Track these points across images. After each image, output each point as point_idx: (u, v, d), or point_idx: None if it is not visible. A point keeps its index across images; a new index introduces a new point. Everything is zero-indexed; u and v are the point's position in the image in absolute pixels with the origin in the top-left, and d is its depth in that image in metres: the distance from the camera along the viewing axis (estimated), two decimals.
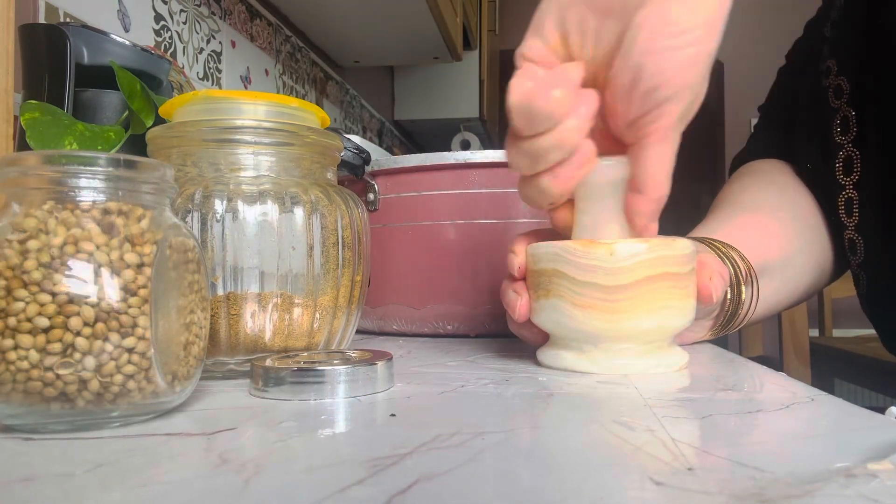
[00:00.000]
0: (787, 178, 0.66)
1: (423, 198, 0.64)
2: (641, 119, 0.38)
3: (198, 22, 1.01)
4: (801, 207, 0.64)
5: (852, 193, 0.60)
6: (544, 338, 0.45)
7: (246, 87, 1.18)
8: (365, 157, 0.63)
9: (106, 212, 0.29)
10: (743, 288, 0.51)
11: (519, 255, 0.44)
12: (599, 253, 0.39)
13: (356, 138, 0.71)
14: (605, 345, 0.41)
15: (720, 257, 0.51)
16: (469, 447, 0.25)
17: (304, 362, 0.36)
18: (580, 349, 0.42)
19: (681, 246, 0.40)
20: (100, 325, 0.27)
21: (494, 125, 2.78)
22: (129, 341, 0.28)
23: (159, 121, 0.45)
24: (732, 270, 0.51)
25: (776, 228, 0.60)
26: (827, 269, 0.65)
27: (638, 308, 0.39)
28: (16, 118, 0.47)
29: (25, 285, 0.27)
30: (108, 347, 0.28)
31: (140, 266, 0.29)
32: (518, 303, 0.43)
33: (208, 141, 0.41)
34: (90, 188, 0.29)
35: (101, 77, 0.48)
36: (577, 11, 0.38)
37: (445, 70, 2.27)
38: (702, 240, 0.53)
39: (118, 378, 0.28)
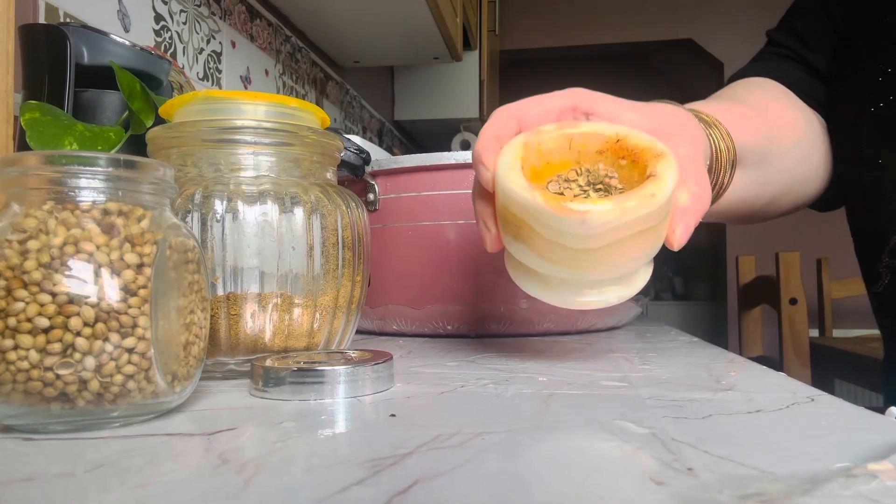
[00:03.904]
0: (787, 92, 0.64)
1: (423, 198, 0.64)
2: None
3: (198, 22, 1.01)
4: (796, 112, 0.63)
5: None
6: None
7: (246, 88, 1.18)
8: (365, 157, 0.63)
9: (106, 212, 0.29)
10: (728, 170, 0.51)
11: (490, 168, 0.39)
12: (570, 221, 0.36)
13: (356, 138, 0.71)
14: (569, 287, 0.41)
15: (706, 129, 0.49)
16: (469, 447, 0.25)
17: (304, 362, 0.36)
18: (546, 282, 0.41)
19: (660, 196, 0.37)
20: (100, 326, 0.27)
21: None
22: (129, 341, 0.28)
23: (159, 121, 0.45)
24: (716, 147, 0.50)
25: (759, 120, 0.57)
26: (811, 188, 0.65)
27: (605, 264, 0.38)
28: (16, 118, 0.47)
29: (25, 285, 0.27)
30: (108, 347, 0.28)
31: (140, 266, 0.29)
32: (488, 237, 0.42)
33: (208, 141, 0.41)
34: (90, 188, 0.29)
35: (101, 77, 0.48)
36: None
37: (445, 70, 2.27)
38: (694, 112, 0.50)
39: (118, 378, 0.28)
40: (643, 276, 0.42)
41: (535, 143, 0.40)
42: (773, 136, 0.58)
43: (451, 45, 1.64)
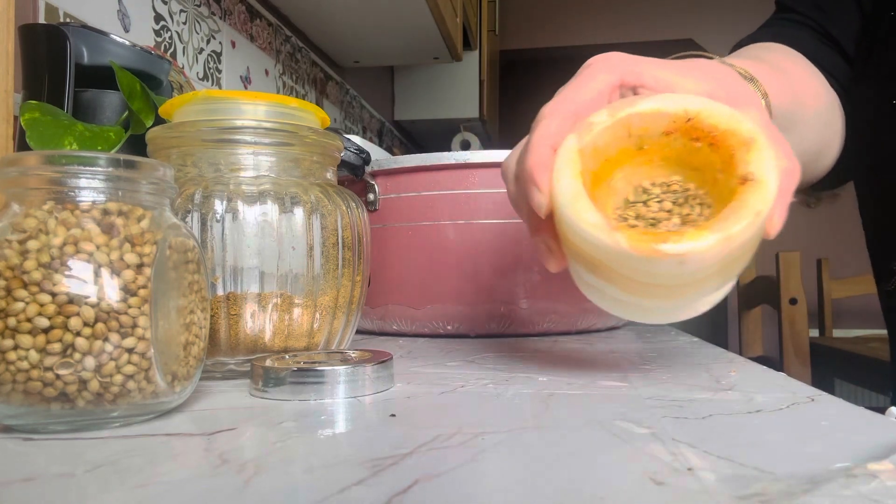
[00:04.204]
0: (805, 60, 0.58)
1: (423, 198, 0.64)
2: None
3: (198, 22, 1.01)
4: (814, 78, 0.57)
5: None
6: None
7: (246, 88, 1.18)
8: (365, 157, 0.63)
9: (106, 212, 0.29)
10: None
11: (544, 192, 0.33)
12: (666, 264, 0.30)
13: (356, 138, 0.71)
14: (667, 312, 0.36)
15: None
16: (469, 447, 0.25)
17: (304, 362, 0.36)
18: (637, 307, 0.35)
19: (766, 209, 0.30)
20: (100, 326, 0.27)
21: (494, 125, 2.78)
22: (129, 341, 0.28)
23: (159, 121, 0.45)
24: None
25: (786, 82, 0.50)
26: (819, 166, 0.60)
27: (708, 285, 0.33)
28: (16, 118, 0.47)
29: (25, 285, 0.27)
30: (108, 347, 0.28)
31: (140, 266, 0.29)
32: (552, 259, 0.36)
33: (208, 141, 0.41)
34: (90, 188, 0.29)
35: (101, 77, 0.48)
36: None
37: (445, 70, 2.27)
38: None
39: (118, 378, 0.28)
40: (733, 282, 0.37)
41: (588, 145, 0.34)
42: (798, 101, 0.52)
43: (451, 45, 1.64)
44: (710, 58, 0.42)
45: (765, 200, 0.30)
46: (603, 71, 0.36)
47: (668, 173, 0.35)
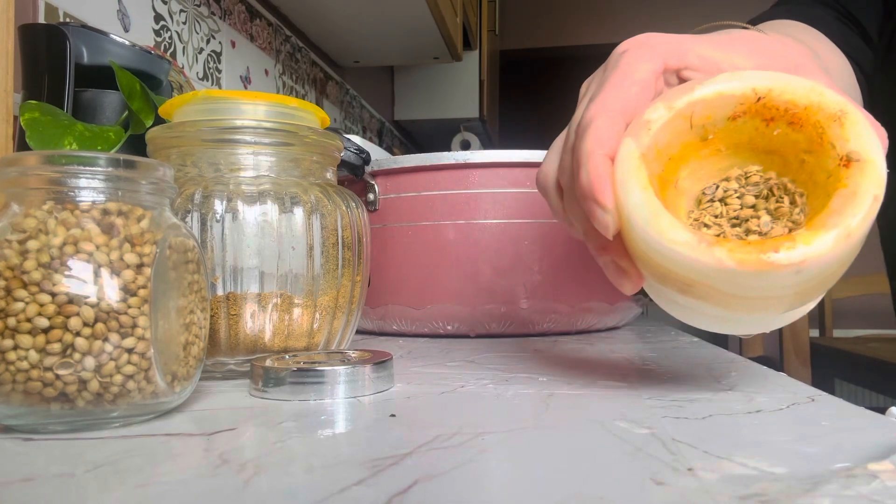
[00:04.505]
0: (827, 40, 0.54)
1: (423, 198, 0.64)
2: None
3: (197, 22, 1.01)
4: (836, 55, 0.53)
5: None
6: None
7: (246, 87, 1.18)
8: (365, 157, 0.63)
9: (106, 212, 0.29)
10: None
11: (610, 211, 0.29)
12: (780, 275, 0.26)
13: (356, 138, 0.71)
14: (762, 323, 0.32)
15: None
16: (469, 447, 0.25)
17: (303, 363, 0.36)
18: (727, 320, 0.31)
19: (882, 192, 0.27)
20: (99, 326, 0.27)
21: (494, 125, 2.78)
22: (129, 341, 0.28)
23: (159, 121, 0.45)
24: None
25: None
26: None
27: (816, 289, 0.29)
28: (15, 118, 0.47)
29: (25, 285, 0.27)
30: (108, 348, 0.27)
31: (140, 266, 0.29)
32: (627, 282, 0.32)
33: (208, 141, 0.41)
34: (90, 188, 0.29)
35: (101, 77, 0.48)
36: None
37: (445, 70, 2.27)
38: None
39: (118, 378, 0.28)
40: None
41: (650, 148, 0.30)
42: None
43: (451, 45, 1.64)
44: (746, 27, 0.38)
45: (879, 182, 0.26)
46: (643, 59, 0.32)
47: (743, 162, 0.31)
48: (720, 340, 3.20)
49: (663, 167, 0.31)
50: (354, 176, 0.64)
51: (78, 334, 0.27)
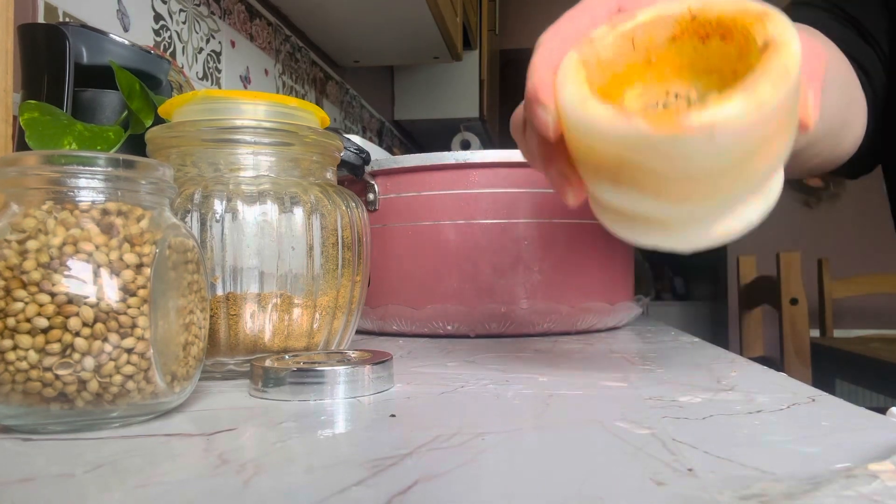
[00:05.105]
0: (828, 40, 0.54)
1: (423, 198, 0.64)
2: None
3: (197, 22, 1.01)
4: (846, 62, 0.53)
5: None
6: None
7: (245, 87, 1.18)
8: (365, 157, 0.63)
9: (105, 212, 0.29)
10: None
11: (550, 106, 0.31)
12: (694, 140, 0.27)
13: (356, 138, 0.71)
14: (698, 222, 0.32)
15: None
16: (469, 447, 0.25)
17: (303, 363, 0.36)
18: (665, 225, 0.32)
19: (793, 66, 0.27)
20: (99, 326, 0.27)
21: (494, 125, 2.78)
22: (129, 342, 0.28)
23: (159, 121, 0.45)
24: None
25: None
26: (849, 138, 0.56)
27: (741, 179, 0.30)
28: (15, 118, 0.47)
29: (24, 285, 0.27)
30: (108, 348, 0.27)
31: (139, 266, 0.29)
32: (569, 190, 0.33)
33: (208, 141, 0.41)
34: (89, 188, 0.29)
35: (101, 77, 0.48)
36: None
37: (445, 70, 2.27)
38: None
39: (117, 378, 0.28)
40: (778, 182, 0.33)
41: (591, 56, 0.31)
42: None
43: (451, 44, 1.64)
44: None
45: (791, 58, 0.27)
46: (600, 2, 0.34)
47: (685, 83, 0.32)
48: (721, 341, 3.21)
49: (607, 81, 0.32)
50: (354, 176, 0.64)
51: (77, 334, 0.27)
